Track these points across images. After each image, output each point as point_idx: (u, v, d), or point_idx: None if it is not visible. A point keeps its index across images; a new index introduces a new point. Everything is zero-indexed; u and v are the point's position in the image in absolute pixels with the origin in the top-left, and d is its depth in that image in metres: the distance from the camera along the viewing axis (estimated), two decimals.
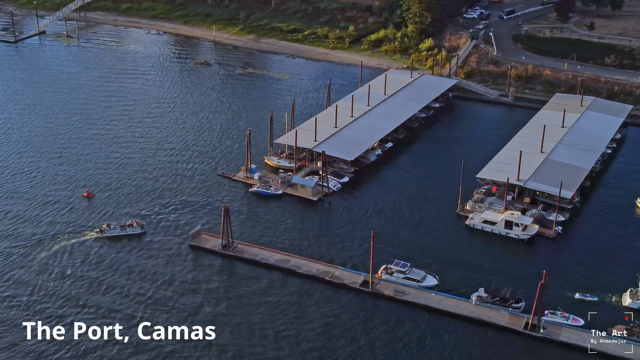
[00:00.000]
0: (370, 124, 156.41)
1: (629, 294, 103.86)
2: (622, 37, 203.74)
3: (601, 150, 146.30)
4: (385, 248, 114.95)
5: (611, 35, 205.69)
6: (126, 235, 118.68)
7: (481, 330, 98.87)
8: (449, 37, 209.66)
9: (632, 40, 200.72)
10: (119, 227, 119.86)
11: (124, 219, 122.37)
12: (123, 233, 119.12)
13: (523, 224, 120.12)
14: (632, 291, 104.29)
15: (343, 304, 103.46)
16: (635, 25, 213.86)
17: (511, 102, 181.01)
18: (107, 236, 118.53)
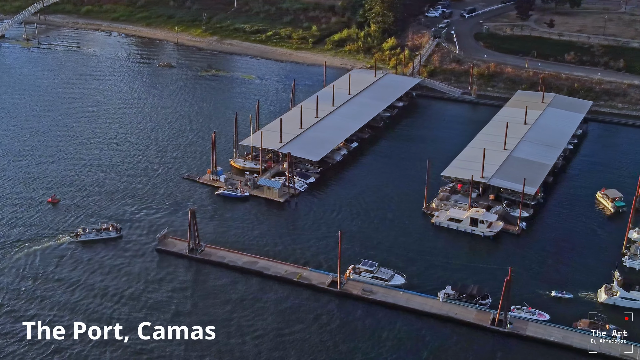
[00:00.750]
0: (335, 124, 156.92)
1: (604, 290, 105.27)
2: (581, 34, 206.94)
3: (563, 146, 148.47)
4: (352, 248, 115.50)
5: (571, 32, 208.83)
6: (102, 240, 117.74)
7: (449, 327, 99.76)
8: (412, 36, 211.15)
9: (591, 37, 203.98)
10: (95, 232, 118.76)
11: (100, 223, 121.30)
12: (98, 237, 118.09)
13: (488, 221, 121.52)
14: (607, 287, 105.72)
15: (311, 305, 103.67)
16: (593, 22, 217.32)
17: (474, 100, 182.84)
18: (82, 240, 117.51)
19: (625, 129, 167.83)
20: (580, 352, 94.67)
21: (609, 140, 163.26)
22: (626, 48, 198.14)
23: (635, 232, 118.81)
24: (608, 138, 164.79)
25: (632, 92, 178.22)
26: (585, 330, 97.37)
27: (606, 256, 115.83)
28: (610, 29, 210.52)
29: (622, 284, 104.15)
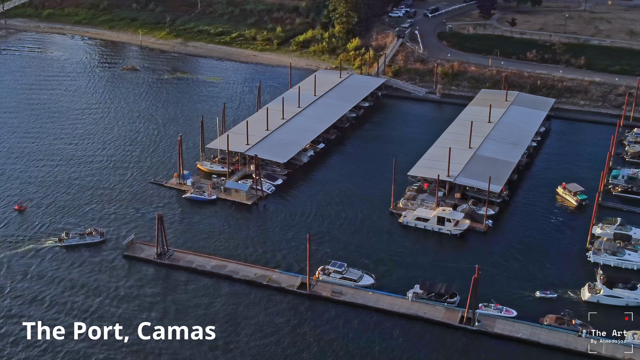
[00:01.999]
0: (301, 125, 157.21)
1: (587, 289, 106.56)
2: (542, 32, 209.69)
3: (527, 144, 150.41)
4: (321, 249, 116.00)
5: (532, 30, 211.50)
6: (85, 244, 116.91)
7: (418, 326, 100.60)
8: (376, 36, 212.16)
9: (552, 35, 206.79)
10: (78, 236, 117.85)
11: (84, 227, 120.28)
12: (82, 242, 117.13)
13: (455, 220, 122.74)
14: (590, 285, 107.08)
15: (281, 307, 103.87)
16: (554, 20, 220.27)
17: (439, 99, 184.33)
18: (66, 245, 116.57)
19: (587, 126, 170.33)
20: (547, 347, 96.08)
21: (571, 137, 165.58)
22: (587, 45, 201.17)
23: (598, 228, 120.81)
24: (570, 134, 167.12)
25: (593, 89, 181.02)
26: (553, 326, 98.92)
27: (571, 252, 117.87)
28: (570, 27, 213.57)
29: (605, 282, 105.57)
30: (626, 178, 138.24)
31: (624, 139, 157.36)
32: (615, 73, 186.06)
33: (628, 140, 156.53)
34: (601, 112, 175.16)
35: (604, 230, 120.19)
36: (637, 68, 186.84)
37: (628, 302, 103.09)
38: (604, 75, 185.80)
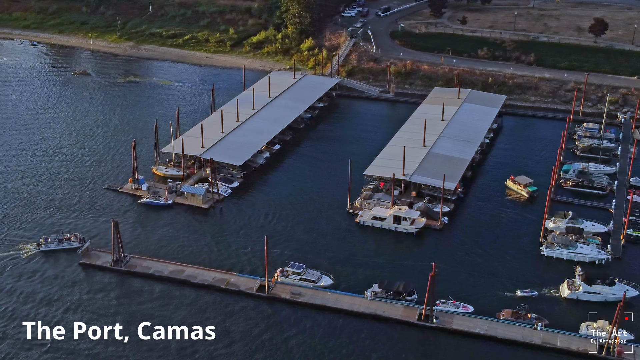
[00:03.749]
0: (256, 127, 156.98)
1: (567, 285, 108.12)
2: (492, 30, 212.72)
3: (480, 141, 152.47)
4: (280, 251, 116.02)
5: (483, 28, 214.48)
6: (64, 249, 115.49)
7: (377, 325, 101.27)
8: (329, 37, 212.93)
9: (502, 33, 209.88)
10: (57, 241, 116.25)
11: (62, 233, 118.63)
12: (60, 247, 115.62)
13: (411, 218, 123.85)
14: (569, 282, 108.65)
15: (241, 311, 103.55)
16: (504, 18, 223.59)
17: (392, 98, 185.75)
18: (44, 250, 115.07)
19: (538, 121, 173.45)
20: (504, 342, 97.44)
21: (523, 133, 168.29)
22: (536, 42, 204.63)
23: (551, 222, 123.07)
24: (522, 130, 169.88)
25: (543, 85, 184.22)
26: (509, 320, 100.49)
27: (526, 246, 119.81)
28: (520, 24, 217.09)
29: (584, 279, 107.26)
30: (577, 172, 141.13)
31: (574, 133, 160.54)
32: (564, 69, 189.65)
33: (578, 134, 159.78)
34: (551, 107, 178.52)
35: (557, 224, 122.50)
36: (585, 64, 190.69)
37: (607, 297, 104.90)
38: (554, 71, 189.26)
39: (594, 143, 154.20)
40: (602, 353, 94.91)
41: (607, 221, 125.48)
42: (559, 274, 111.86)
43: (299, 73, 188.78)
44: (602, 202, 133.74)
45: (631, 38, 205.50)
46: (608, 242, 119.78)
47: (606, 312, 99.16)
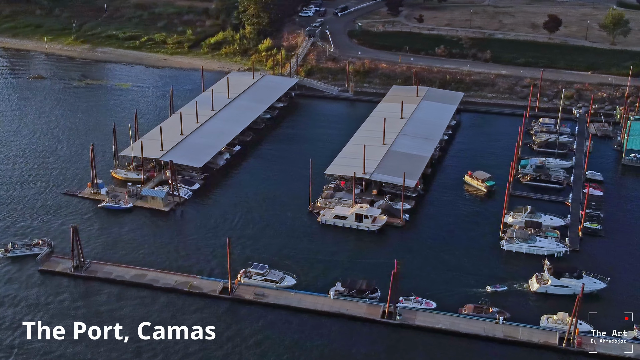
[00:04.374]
0: (216, 128, 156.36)
1: (536, 279, 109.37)
2: (449, 28, 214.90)
3: (439, 138, 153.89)
4: (243, 252, 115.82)
5: (439, 26, 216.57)
6: (32, 255, 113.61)
7: (341, 323, 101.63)
8: (287, 37, 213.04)
9: (458, 30, 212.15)
10: (25, 247, 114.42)
11: (30, 238, 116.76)
12: (29, 253, 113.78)
13: (372, 216, 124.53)
14: (537, 276, 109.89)
15: (204, 313, 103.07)
16: (460, 16, 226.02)
17: (352, 96, 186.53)
18: (12, 256, 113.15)
19: (495, 117, 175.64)
20: (467, 336, 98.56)
21: (481, 129, 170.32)
22: (492, 39, 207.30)
23: (510, 217, 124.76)
24: (480, 127, 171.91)
25: (500, 82, 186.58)
26: (471, 315, 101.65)
27: (486, 241, 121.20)
28: (476, 22, 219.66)
29: (553, 272, 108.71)
30: (534, 167, 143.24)
31: (530, 128, 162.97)
32: (520, 65, 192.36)
33: (535, 130, 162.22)
34: (508, 103, 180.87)
35: (516, 218, 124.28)
36: (540, 60, 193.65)
37: (575, 291, 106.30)
38: (510, 67, 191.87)
39: (551, 138, 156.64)
40: (562, 344, 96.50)
41: (565, 214, 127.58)
42: (519, 268, 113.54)
43: (258, 73, 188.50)
44: (559, 196, 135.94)
45: (584, 34, 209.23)
46: (566, 235, 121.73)
47: (568, 305, 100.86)
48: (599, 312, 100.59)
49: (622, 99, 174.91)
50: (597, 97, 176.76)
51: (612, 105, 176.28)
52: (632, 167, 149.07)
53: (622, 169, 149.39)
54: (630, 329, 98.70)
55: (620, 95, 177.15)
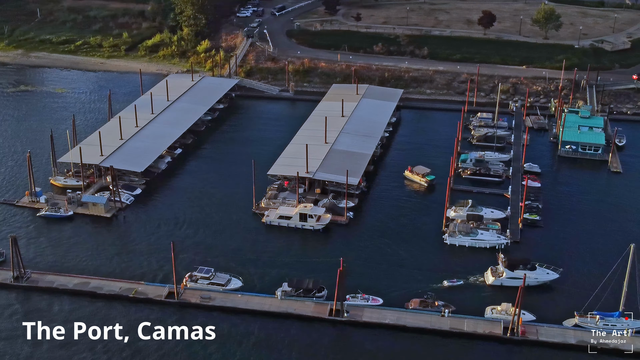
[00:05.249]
0: (156, 132, 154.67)
1: (491, 273, 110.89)
2: (386, 25, 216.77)
3: (380, 135, 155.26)
4: (188, 256, 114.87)
5: (377, 24, 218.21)
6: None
7: (289, 323, 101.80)
8: (225, 37, 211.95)
9: (396, 28, 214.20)
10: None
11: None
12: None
13: (317, 215, 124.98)
14: (492, 269, 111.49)
15: (150, 319, 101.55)
16: (397, 13, 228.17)
17: (292, 96, 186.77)
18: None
19: (434, 113, 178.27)
20: (414, 330, 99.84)
21: (421, 125, 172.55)
22: (429, 36, 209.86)
23: (452, 211, 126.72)
24: (420, 123, 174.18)
25: (438, 78, 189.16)
26: (417, 310, 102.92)
27: (429, 235, 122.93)
28: (412, 19, 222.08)
29: (507, 265, 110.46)
30: (474, 161, 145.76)
31: (469, 123, 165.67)
32: (456, 61, 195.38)
33: (473, 124, 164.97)
34: (447, 99, 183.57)
35: (457, 212, 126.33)
36: (476, 55, 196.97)
37: (529, 282, 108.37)
38: (447, 64, 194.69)
39: (489, 132, 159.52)
40: (506, 334, 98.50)
41: (505, 207, 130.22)
42: (462, 261, 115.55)
43: (197, 75, 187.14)
44: (499, 189, 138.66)
45: (518, 29, 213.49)
46: (507, 227, 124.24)
47: (513, 296, 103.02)
48: (552, 301, 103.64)
49: (556, 92, 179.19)
50: (532, 91, 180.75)
51: (547, 98, 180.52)
52: (567, 158, 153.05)
53: (558, 160, 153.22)
54: (572, 317, 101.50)
55: (554, 89, 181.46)
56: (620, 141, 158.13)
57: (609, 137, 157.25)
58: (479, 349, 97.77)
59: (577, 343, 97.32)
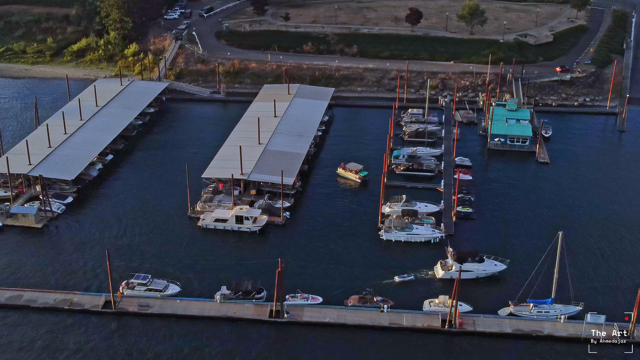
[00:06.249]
0: (86, 138, 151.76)
1: (440, 266, 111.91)
2: (315, 25, 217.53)
3: (313, 134, 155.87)
4: (124, 264, 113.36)
5: (306, 23, 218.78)
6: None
7: (230, 326, 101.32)
8: (153, 40, 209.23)
9: (325, 27, 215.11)
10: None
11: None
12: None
13: (253, 217, 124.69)
14: (442, 263, 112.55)
15: (88, 330, 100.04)
16: (325, 12, 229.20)
17: (224, 98, 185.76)
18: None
19: (366, 111, 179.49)
20: (354, 327, 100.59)
21: (353, 123, 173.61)
22: (358, 34, 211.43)
23: (387, 207, 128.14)
24: (352, 121, 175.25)
25: (368, 76, 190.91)
26: (356, 306, 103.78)
27: (366, 232, 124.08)
28: (341, 18, 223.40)
29: (456, 258, 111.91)
30: (406, 157, 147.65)
31: (400, 120, 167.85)
32: (386, 58, 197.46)
33: (404, 120, 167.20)
34: (378, 96, 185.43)
35: (392, 208, 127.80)
36: (405, 52, 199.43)
37: (478, 274, 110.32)
38: (376, 61, 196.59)
39: (420, 127, 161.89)
40: (445, 326, 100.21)
41: (438, 201, 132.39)
42: (399, 255, 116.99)
43: (126, 79, 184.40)
44: (432, 183, 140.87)
45: (444, 25, 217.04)
46: (441, 220, 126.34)
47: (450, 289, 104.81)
48: (488, 291, 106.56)
49: (483, 86, 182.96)
50: (460, 86, 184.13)
51: (475, 93, 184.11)
52: (496, 150, 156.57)
53: (488, 153, 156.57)
54: (507, 306, 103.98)
55: (481, 83, 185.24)
56: (547, 132, 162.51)
57: (535, 129, 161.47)
58: (418, 342, 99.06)
59: (512, 332, 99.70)
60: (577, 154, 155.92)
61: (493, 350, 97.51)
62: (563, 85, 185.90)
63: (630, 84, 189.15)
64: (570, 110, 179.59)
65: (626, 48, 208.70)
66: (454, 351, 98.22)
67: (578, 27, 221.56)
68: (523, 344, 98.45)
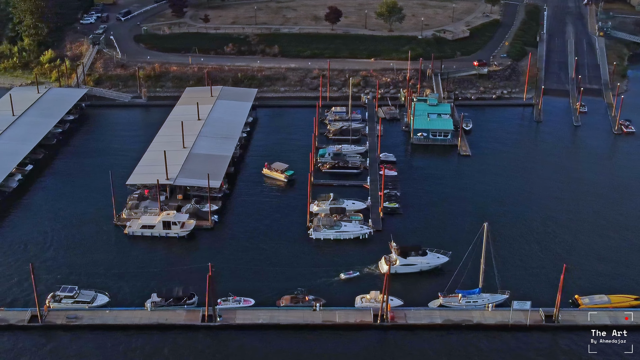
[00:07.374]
0: (3, 149, 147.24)
1: (384, 261, 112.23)
2: (236, 26, 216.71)
3: (238, 136, 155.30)
4: (50, 277, 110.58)
5: (226, 25, 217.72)
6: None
7: (162, 334, 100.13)
8: (70, 46, 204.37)
9: (245, 27, 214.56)
10: None
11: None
12: None
13: (180, 221, 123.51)
14: (386, 258, 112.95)
15: (16, 347, 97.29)
16: (245, 13, 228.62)
17: (145, 102, 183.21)
18: None
19: (290, 110, 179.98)
20: (287, 327, 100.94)
21: (278, 123, 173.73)
22: (278, 34, 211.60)
23: (315, 205, 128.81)
24: (276, 121, 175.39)
25: (291, 75, 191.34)
26: (289, 306, 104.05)
27: (295, 231, 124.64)
28: (261, 18, 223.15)
29: (400, 253, 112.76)
30: (332, 155, 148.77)
31: (324, 118, 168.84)
32: (307, 58, 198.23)
33: (328, 119, 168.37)
34: (301, 95, 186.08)
35: (320, 206, 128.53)
36: (326, 51, 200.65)
37: (421, 267, 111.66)
38: (298, 60, 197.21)
39: (344, 125, 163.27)
40: (377, 321, 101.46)
41: (365, 197, 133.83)
42: (328, 253, 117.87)
43: (43, 87, 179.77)
44: (358, 180, 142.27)
45: (364, 23, 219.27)
46: (369, 216, 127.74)
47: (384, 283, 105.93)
48: (417, 284, 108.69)
49: (404, 82, 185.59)
50: (381, 83, 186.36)
51: (397, 89, 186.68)
52: (420, 145, 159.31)
53: (412, 148, 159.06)
54: (436, 298, 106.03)
55: (402, 79, 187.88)
56: (467, 125, 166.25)
57: (456, 123, 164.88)
58: (352, 338, 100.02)
59: (443, 322, 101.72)
60: (497, 145, 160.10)
61: (425, 342, 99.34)
62: (481, 79, 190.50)
63: (545, 76, 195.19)
64: (488, 103, 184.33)
65: (539, 40, 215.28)
66: (388, 345, 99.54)
67: (493, 22, 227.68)
68: (454, 334, 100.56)
